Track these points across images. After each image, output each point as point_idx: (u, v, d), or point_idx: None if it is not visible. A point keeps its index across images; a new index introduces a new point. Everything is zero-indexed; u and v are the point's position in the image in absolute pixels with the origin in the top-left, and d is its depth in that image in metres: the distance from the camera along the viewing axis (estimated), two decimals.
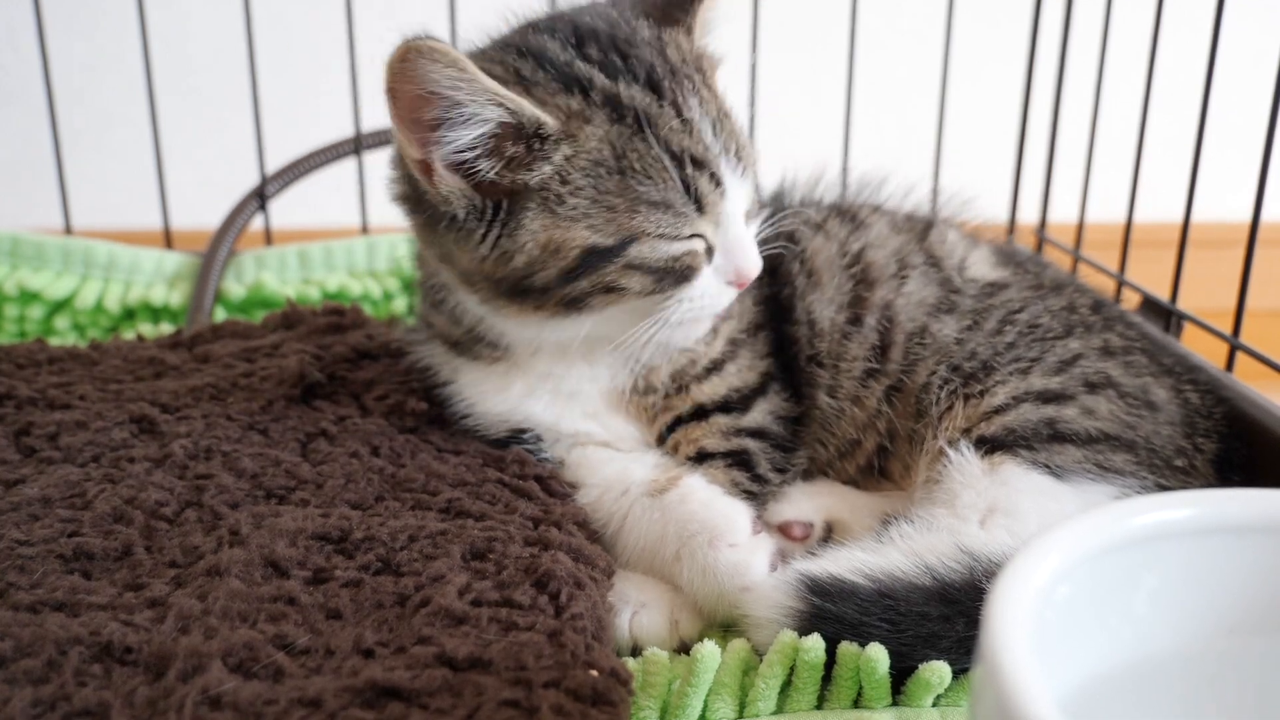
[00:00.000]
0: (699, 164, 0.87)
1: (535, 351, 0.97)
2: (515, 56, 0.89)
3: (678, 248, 0.88)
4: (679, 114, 0.87)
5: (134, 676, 0.70)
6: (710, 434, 0.99)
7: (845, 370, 1.02)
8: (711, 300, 0.92)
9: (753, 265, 0.91)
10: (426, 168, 0.86)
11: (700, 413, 1.00)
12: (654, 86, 0.87)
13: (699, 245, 0.89)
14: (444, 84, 0.81)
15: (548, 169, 0.85)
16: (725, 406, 1.00)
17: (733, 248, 0.90)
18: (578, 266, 0.87)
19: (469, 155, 0.84)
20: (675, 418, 1.00)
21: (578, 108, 0.86)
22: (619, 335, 0.92)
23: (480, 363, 1.00)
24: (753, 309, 1.04)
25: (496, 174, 0.85)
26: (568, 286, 0.88)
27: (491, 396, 1.00)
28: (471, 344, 1.00)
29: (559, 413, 0.99)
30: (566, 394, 0.98)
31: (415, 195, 0.90)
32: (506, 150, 0.85)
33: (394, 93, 0.83)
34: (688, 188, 0.86)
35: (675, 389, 1.00)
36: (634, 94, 0.86)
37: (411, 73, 0.81)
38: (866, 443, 1.02)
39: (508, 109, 0.83)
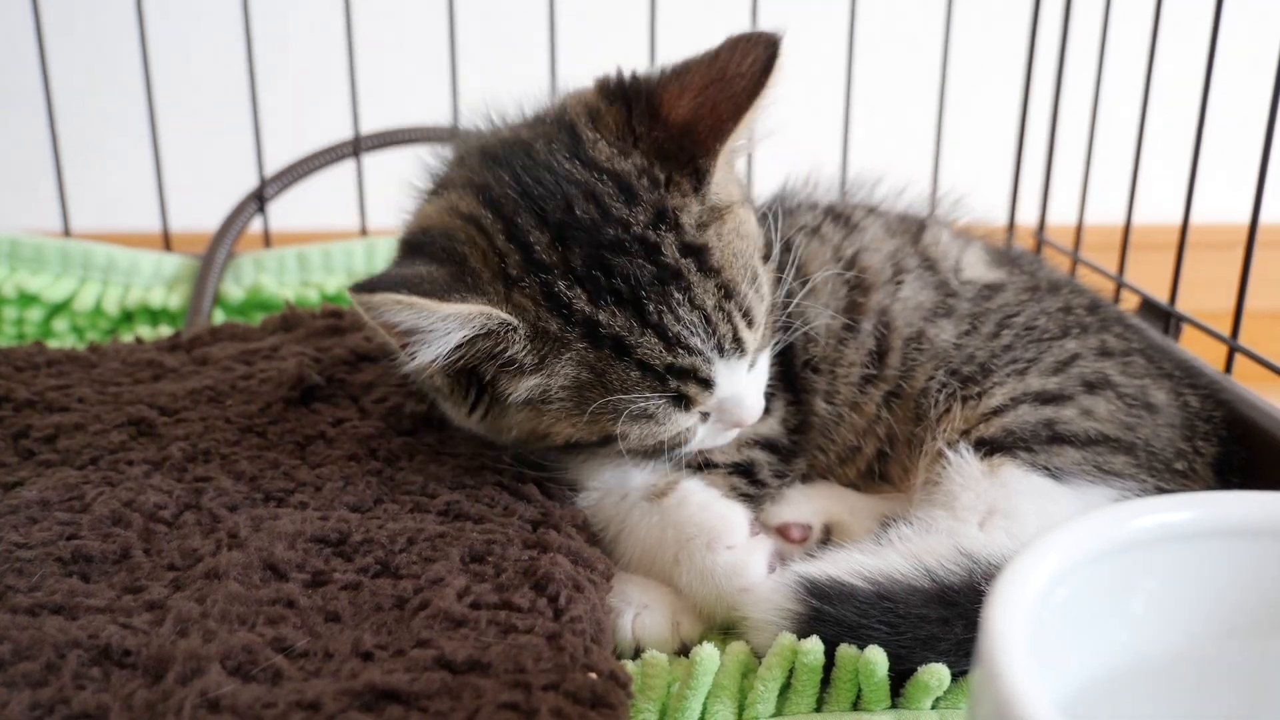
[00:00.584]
0: (684, 374, 0.83)
1: None
2: (504, 236, 0.83)
3: (665, 435, 0.86)
4: (661, 335, 0.81)
5: (133, 679, 0.70)
6: (723, 449, 0.98)
7: (843, 376, 1.02)
8: (711, 441, 0.92)
9: (750, 415, 0.88)
10: (389, 329, 0.83)
11: None
12: (636, 305, 0.81)
13: (690, 422, 0.87)
14: (405, 321, 0.79)
15: (523, 390, 0.84)
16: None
17: (728, 408, 0.87)
18: (563, 448, 0.89)
19: (446, 361, 0.83)
20: None
21: (554, 331, 0.82)
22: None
23: None
24: None
25: (469, 366, 0.85)
26: (557, 450, 0.91)
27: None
28: None
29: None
30: None
31: None
32: (483, 348, 0.83)
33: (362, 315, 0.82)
34: (673, 398, 0.84)
35: None
36: (614, 320, 0.81)
37: (372, 313, 0.80)
38: (866, 448, 1.02)
39: (476, 325, 0.81)
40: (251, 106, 1.58)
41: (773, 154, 1.08)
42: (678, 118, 0.85)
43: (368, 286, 0.79)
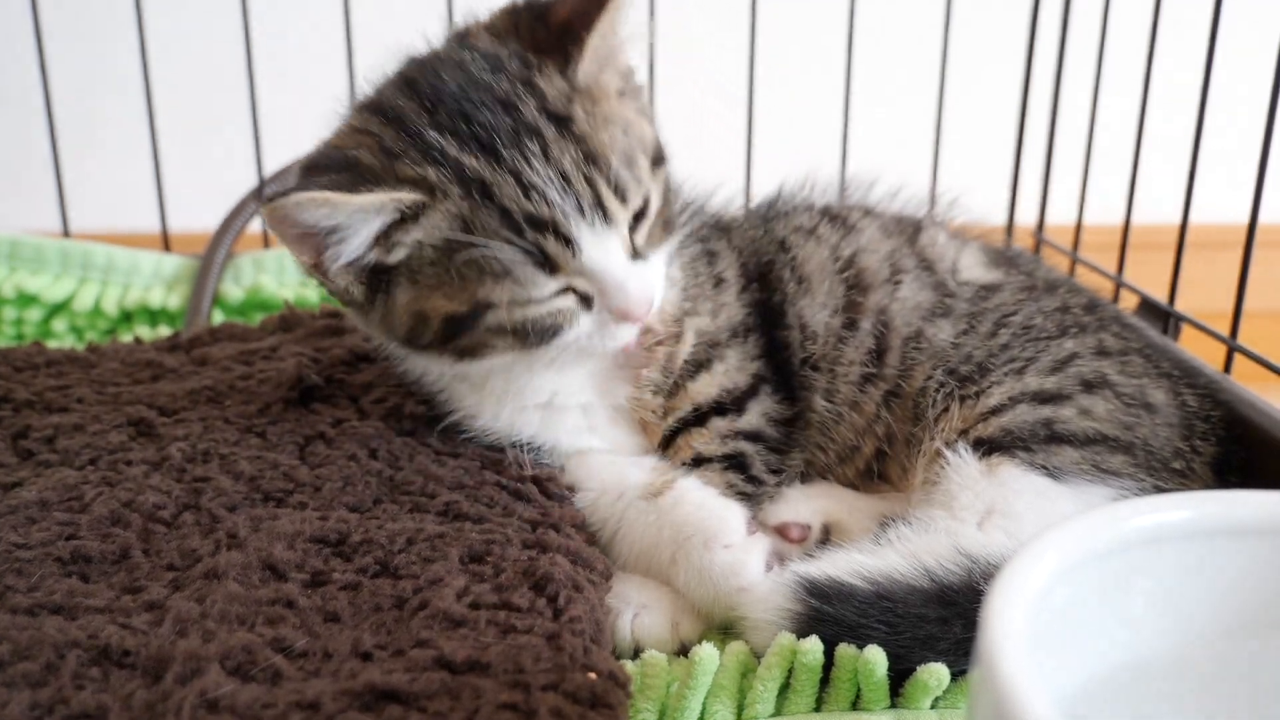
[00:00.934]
0: (541, 226, 0.85)
1: (505, 368, 0.96)
2: (380, 123, 0.89)
3: (534, 310, 0.87)
4: (517, 179, 0.85)
5: (132, 679, 0.70)
6: (707, 439, 0.99)
7: (842, 375, 1.02)
8: (603, 339, 0.91)
9: (636, 304, 0.89)
10: (320, 269, 0.88)
11: (699, 417, 1.00)
12: (492, 151, 0.86)
13: (565, 302, 0.88)
14: (322, 220, 0.85)
15: (403, 250, 0.87)
16: (720, 409, 1.00)
17: (610, 292, 0.88)
18: (444, 330, 0.89)
19: (356, 257, 0.88)
20: (677, 422, 1.00)
21: (435, 179, 0.86)
22: (524, 369, 0.95)
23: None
24: (740, 310, 1.04)
25: (376, 258, 0.88)
26: (448, 344, 0.91)
27: (484, 416, 1.00)
28: None
29: (555, 432, 0.99)
30: (558, 408, 0.98)
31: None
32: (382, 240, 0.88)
33: (276, 229, 0.86)
34: (533, 252, 0.85)
35: (671, 389, 1.00)
36: (474, 163, 0.85)
37: (287, 221, 0.85)
38: (865, 448, 1.02)
39: (386, 212, 0.85)
40: (251, 106, 1.58)
41: (772, 155, 1.08)
42: (558, 20, 0.92)
43: (280, 194, 0.83)
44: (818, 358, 1.02)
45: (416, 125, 0.87)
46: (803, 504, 0.98)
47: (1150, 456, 0.94)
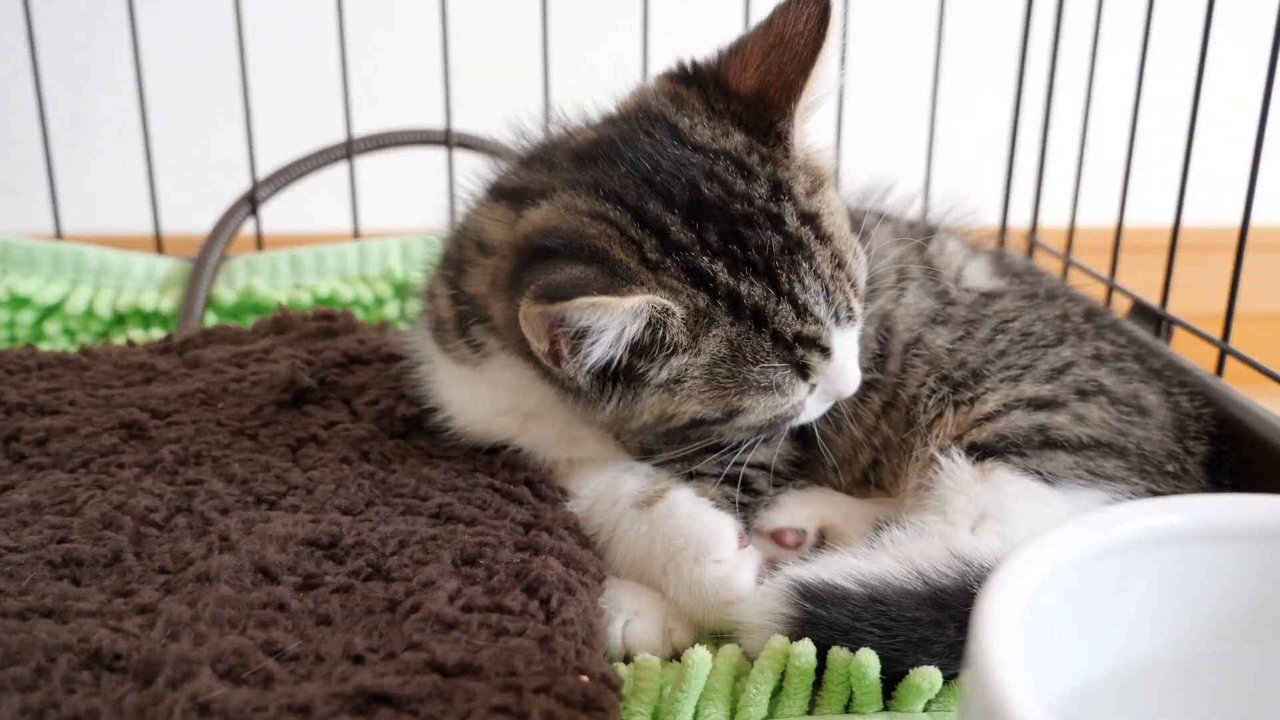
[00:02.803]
0: (809, 343, 0.84)
1: (508, 367, 0.94)
2: (636, 225, 0.83)
3: (785, 406, 0.87)
4: (794, 303, 0.83)
5: (123, 683, 0.70)
6: (707, 464, 0.97)
7: None
8: (813, 412, 0.92)
9: (851, 384, 0.90)
10: (556, 357, 0.83)
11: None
12: (770, 276, 0.83)
13: (805, 394, 0.88)
14: (586, 322, 0.78)
15: (665, 372, 0.84)
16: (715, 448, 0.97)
17: (833, 378, 0.88)
18: (687, 428, 0.89)
19: (602, 358, 0.82)
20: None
21: (704, 307, 0.82)
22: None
23: (459, 365, 0.98)
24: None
25: (628, 362, 0.84)
26: (675, 434, 0.90)
27: (465, 406, 0.99)
28: (454, 339, 0.97)
29: (532, 437, 0.98)
30: (531, 414, 0.97)
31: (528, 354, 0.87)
32: (642, 337, 0.82)
33: (535, 325, 0.80)
34: (797, 367, 0.85)
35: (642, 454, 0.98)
36: (754, 291, 0.82)
37: (551, 320, 0.79)
38: (862, 457, 1.02)
39: (645, 315, 0.80)
40: (244, 109, 1.58)
41: None
42: (747, 89, 0.88)
43: (547, 295, 0.77)
44: None
45: (683, 240, 0.82)
46: (798, 509, 0.98)
47: (1144, 460, 0.94)
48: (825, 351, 0.85)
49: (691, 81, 0.90)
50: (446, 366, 0.99)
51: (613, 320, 0.78)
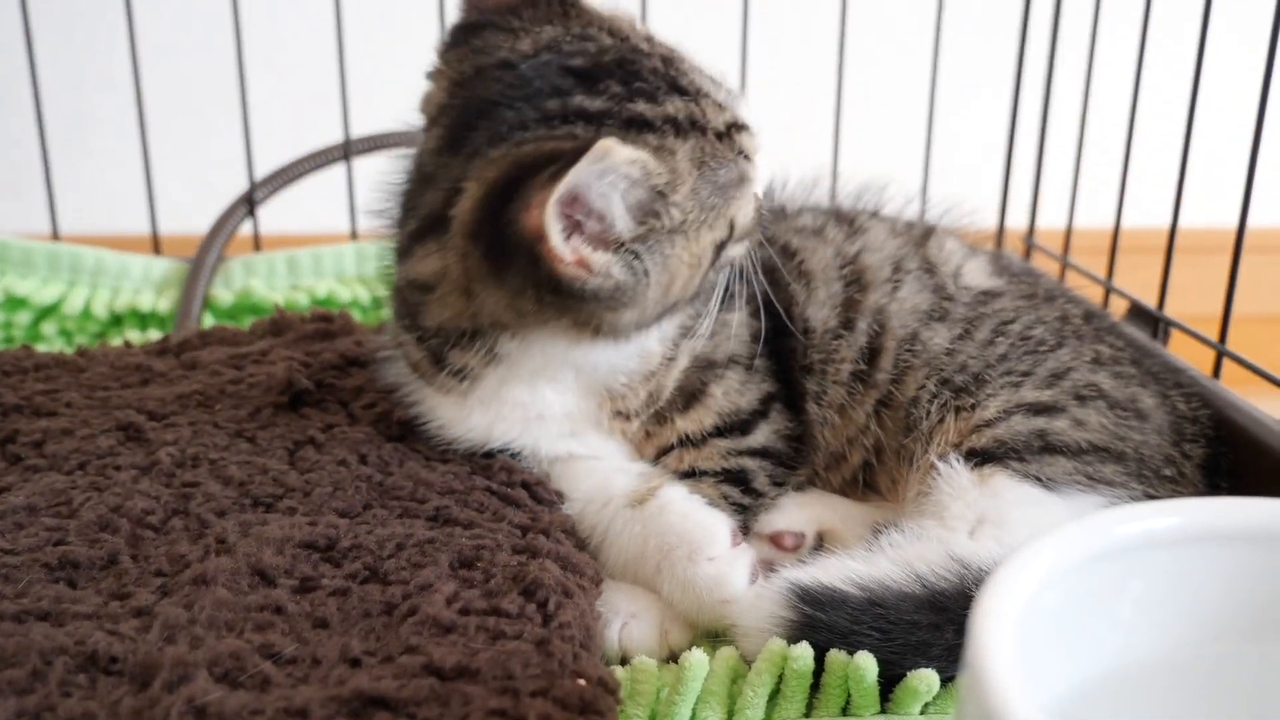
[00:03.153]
0: (736, 127, 0.90)
1: (503, 382, 0.95)
2: (558, 124, 0.86)
3: (756, 199, 0.93)
4: (708, 98, 0.89)
5: (119, 686, 0.69)
6: (707, 456, 0.98)
7: (832, 375, 1.01)
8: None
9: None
10: (586, 264, 0.84)
11: (695, 439, 0.99)
12: (676, 88, 0.88)
13: (757, 176, 0.93)
14: (599, 182, 0.82)
15: (675, 215, 0.86)
16: (722, 430, 0.99)
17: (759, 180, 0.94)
18: (713, 264, 0.91)
19: (622, 228, 0.85)
20: (662, 449, 0.99)
21: (656, 143, 0.85)
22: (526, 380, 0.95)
23: (446, 394, 0.98)
24: (749, 323, 1.02)
25: (635, 232, 0.85)
26: (701, 284, 0.92)
27: (459, 424, 0.99)
28: (435, 373, 0.98)
29: (535, 436, 0.98)
30: (535, 417, 0.97)
31: (544, 296, 0.87)
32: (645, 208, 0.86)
33: (565, 211, 0.82)
34: (740, 153, 0.90)
35: (655, 420, 0.99)
36: (676, 106, 0.87)
37: (569, 203, 0.81)
38: (852, 457, 1.02)
39: (650, 171, 0.84)
40: (242, 109, 1.58)
41: (765, 157, 1.08)
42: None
43: (554, 176, 0.79)
44: (814, 361, 1.02)
45: (602, 105, 0.86)
46: (796, 512, 0.98)
47: (1142, 465, 0.94)
48: (746, 127, 0.91)
49: (480, 27, 0.94)
50: (433, 396, 0.99)
51: (617, 170, 0.81)
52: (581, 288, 0.84)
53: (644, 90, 0.87)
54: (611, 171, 0.81)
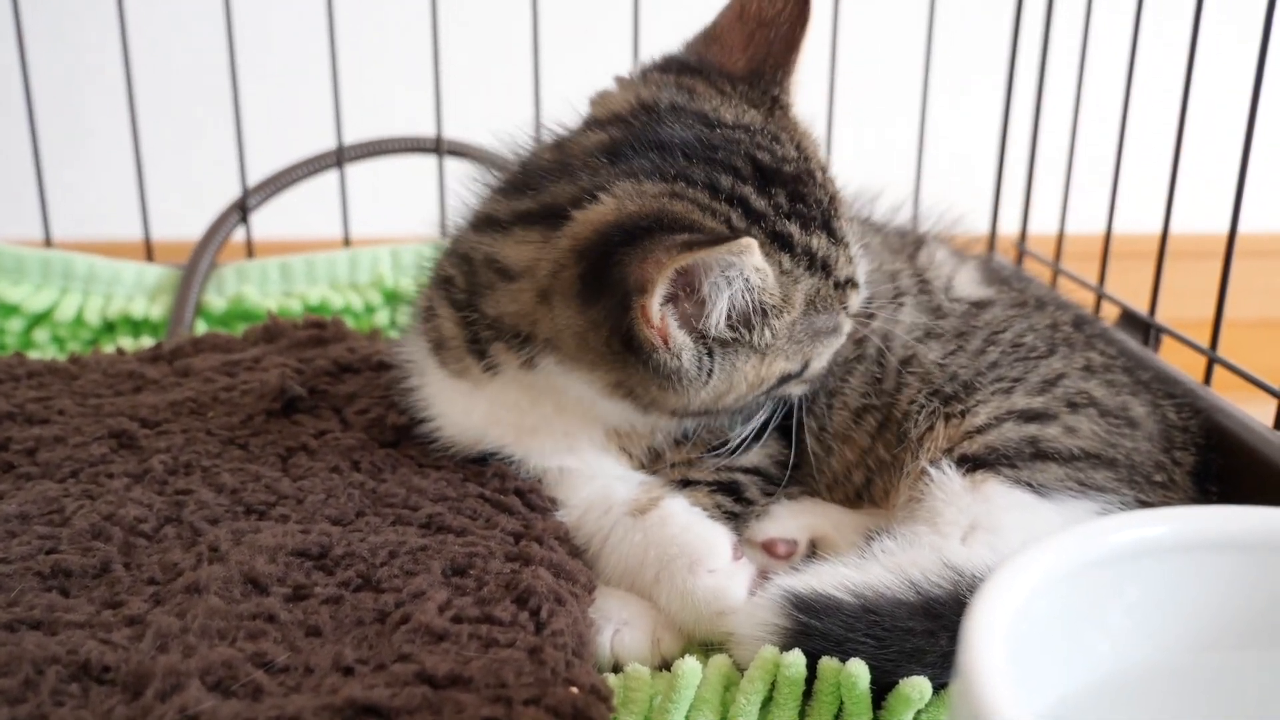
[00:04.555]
0: (850, 283, 0.91)
1: (525, 388, 0.94)
2: (716, 199, 0.85)
3: (834, 347, 0.94)
4: (846, 250, 0.90)
5: (111, 696, 0.69)
6: (700, 470, 0.98)
7: (839, 407, 1.01)
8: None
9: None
10: (665, 336, 0.83)
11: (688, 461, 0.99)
12: (829, 228, 0.89)
13: (847, 332, 0.94)
14: (717, 272, 0.81)
15: (767, 335, 0.87)
16: (715, 450, 0.99)
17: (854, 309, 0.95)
18: (774, 387, 0.91)
19: (712, 328, 0.85)
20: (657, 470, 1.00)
21: (788, 267, 0.86)
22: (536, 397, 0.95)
23: (458, 380, 0.97)
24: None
25: (722, 332, 0.85)
26: (750, 403, 0.92)
27: (458, 419, 0.98)
28: (461, 355, 0.96)
29: (527, 447, 0.97)
30: (530, 429, 0.97)
31: (613, 343, 0.85)
32: (739, 304, 0.85)
33: (678, 280, 0.81)
34: (845, 305, 0.91)
35: (652, 459, 0.99)
36: (821, 244, 0.88)
37: (693, 275, 0.81)
38: (856, 477, 1.02)
39: (767, 288, 0.84)
40: (234, 116, 1.58)
41: None
42: (741, 71, 0.95)
43: (687, 245, 0.78)
44: (816, 396, 1.01)
45: (760, 207, 0.86)
46: (789, 520, 0.98)
47: (1133, 471, 0.94)
48: (858, 287, 0.92)
49: (695, 72, 0.94)
50: (442, 380, 0.98)
51: (742, 274, 0.81)
52: (649, 354, 0.84)
53: (802, 215, 0.87)
54: (737, 270, 0.81)
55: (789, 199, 0.87)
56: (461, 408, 0.98)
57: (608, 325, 0.84)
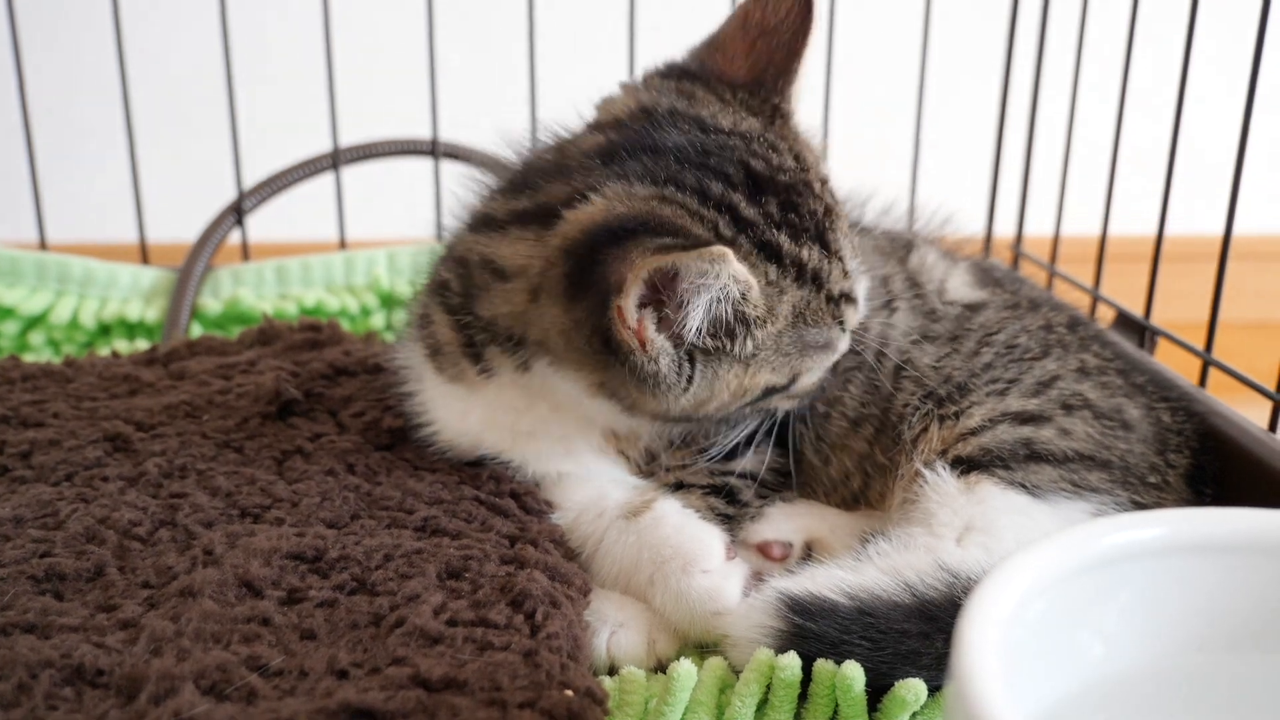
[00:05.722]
0: (846, 297, 0.90)
1: (521, 390, 0.94)
2: (705, 205, 0.85)
3: (828, 365, 0.93)
4: (842, 263, 0.89)
5: (105, 699, 0.69)
6: (694, 473, 0.98)
7: (836, 418, 1.01)
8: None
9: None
10: (642, 339, 0.83)
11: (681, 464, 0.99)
12: (822, 240, 0.88)
13: (843, 348, 0.93)
14: (692, 279, 0.80)
15: (749, 346, 0.86)
16: (709, 454, 0.99)
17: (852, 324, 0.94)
18: (759, 398, 0.90)
19: (690, 336, 0.84)
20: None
21: (774, 278, 0.85)
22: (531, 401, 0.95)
23: (454, 384, 0.97)
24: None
25: (703, 340, 0.85)
26: (734, 413, 0.92)
27: (455, 423, 0.98)
28: (457, 359, 0.96)
29: (524, 452, 0.97)
30: (527, 433, 0.97)
31: (594, 342, 0.85)
32: (720, 312, 0.84)
33: (648, 284, 0.80)
34: (839, 321, 0.90)
35: (648, 460, 0.99)
36: (813, 256, 0.87)
37: (652, 281, 0.80)
38: (853, 482, 1.02)
39: (749, 298, 0.83)
40: (230, 119, 1.58)
41: None
42: (742, 78, 0.94)
43: (663, 248, 0.78)
44: (814, 407, 1.01)
45: (749, 215, 0.85)
46: (784, 522, 0.98)
47: (1127, 473, 0.94)
48: (855, 302, 0.91)
49: (694, 78, 0.94)
50: (438, 386, 0.98)
51: (718, 281, 0.80)
52: (626, 355, 0.83)
53: (793, 225, 0.86)
54: (713, 278, 0.80)
55: (780, 208, 0.87)
56: (458, 412, 0.98)
57: (589, 324, 0.84)
